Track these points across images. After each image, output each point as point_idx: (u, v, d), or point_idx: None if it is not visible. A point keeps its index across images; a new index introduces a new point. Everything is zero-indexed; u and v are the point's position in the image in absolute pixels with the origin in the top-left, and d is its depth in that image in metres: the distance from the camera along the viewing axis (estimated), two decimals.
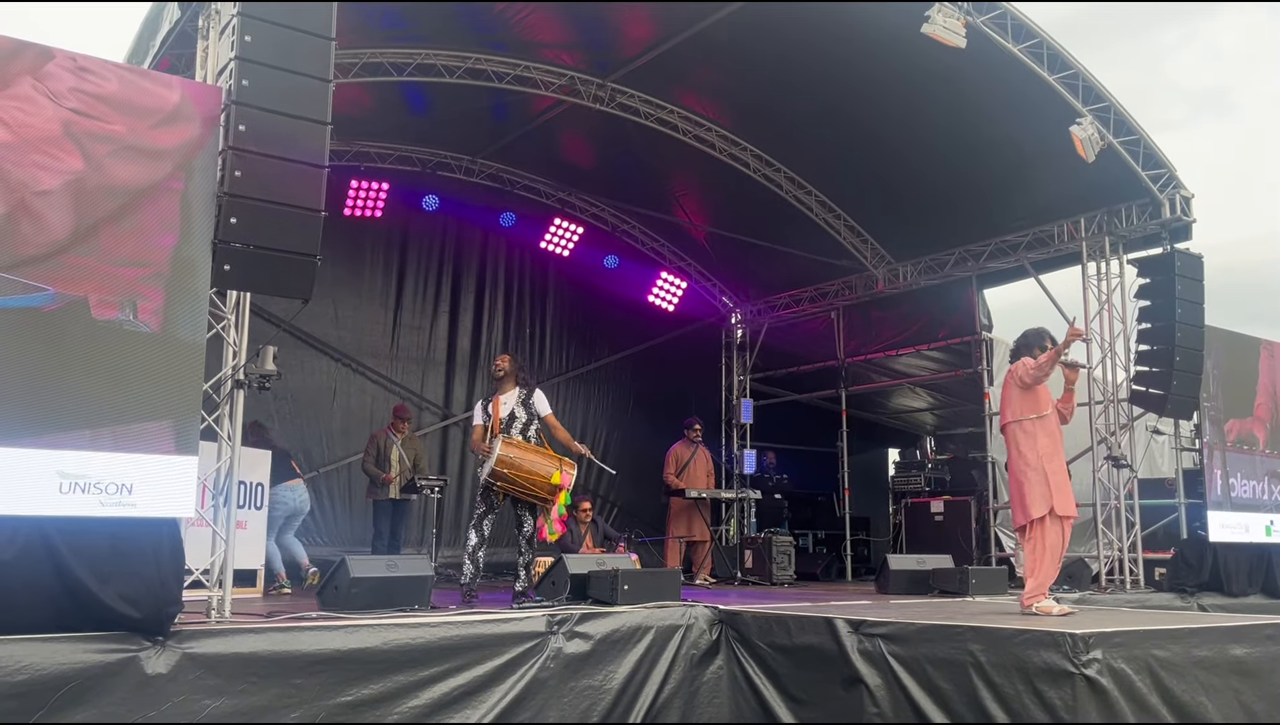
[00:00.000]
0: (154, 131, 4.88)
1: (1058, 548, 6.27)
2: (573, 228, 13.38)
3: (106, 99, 4.77)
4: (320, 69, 5.35)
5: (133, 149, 4.81)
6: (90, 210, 4.66)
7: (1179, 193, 9.48)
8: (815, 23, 8.77)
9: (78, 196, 4.64)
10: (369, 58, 9.48)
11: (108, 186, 4.72)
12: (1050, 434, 6.39)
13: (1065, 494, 6.28)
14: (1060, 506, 6.24)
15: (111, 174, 4.74)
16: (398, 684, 5.05)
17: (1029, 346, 6.57)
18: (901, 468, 13.28)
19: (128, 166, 4.78)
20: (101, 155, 4.72)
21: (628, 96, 10.67)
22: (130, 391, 4.68)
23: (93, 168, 4.68)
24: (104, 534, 4.51)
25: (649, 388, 13.99)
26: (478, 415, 7.49)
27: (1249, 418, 10.23)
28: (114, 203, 4.73)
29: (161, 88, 4.99)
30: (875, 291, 12.51)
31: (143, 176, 4.82)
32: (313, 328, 11.56)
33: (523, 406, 7.32)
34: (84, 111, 4.70)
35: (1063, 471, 6.36)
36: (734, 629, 6.28)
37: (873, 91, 9.73)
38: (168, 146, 4.91)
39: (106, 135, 4.75)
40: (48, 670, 4.17)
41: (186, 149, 4.97)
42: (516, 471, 6.98)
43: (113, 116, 4.78)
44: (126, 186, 4.77)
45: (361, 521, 11.17)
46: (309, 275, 5.30)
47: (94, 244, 4.66)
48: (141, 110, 4.87)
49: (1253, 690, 5.22)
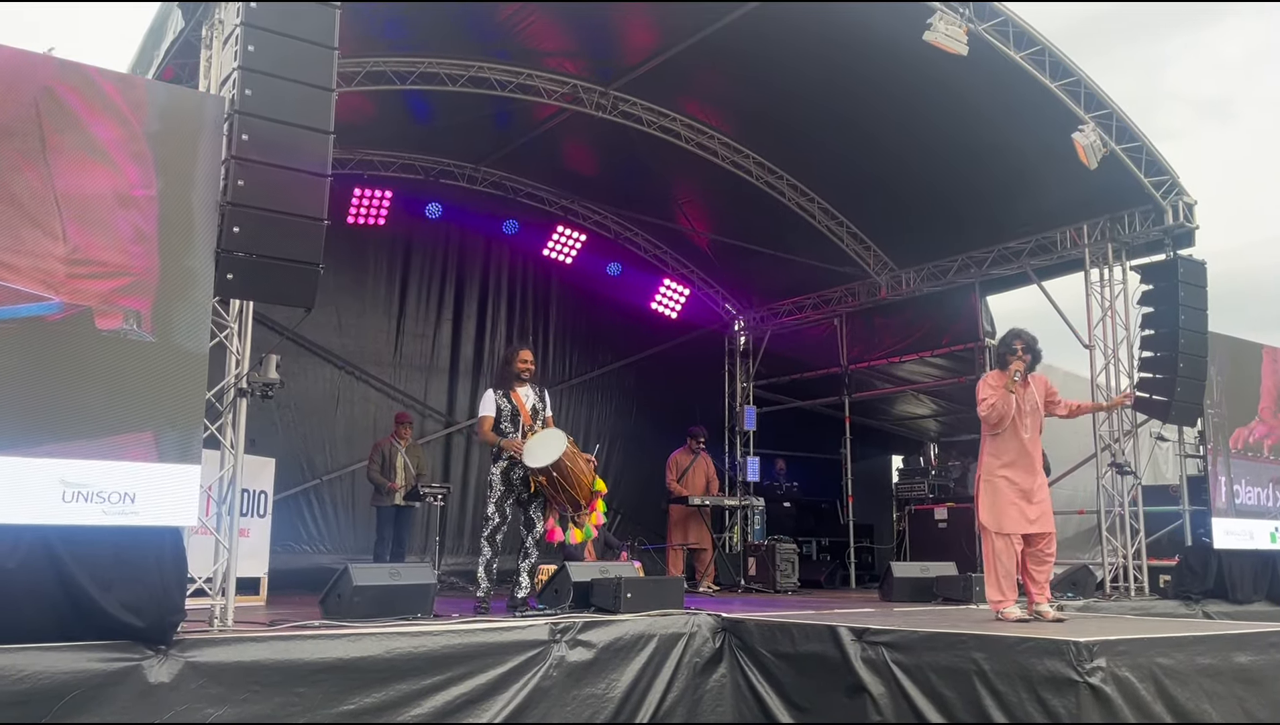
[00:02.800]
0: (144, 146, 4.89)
1: (1003, 560, 6.29)
2: (575, 235, 13.39)
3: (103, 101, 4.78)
4: (323, 78, 5.37)
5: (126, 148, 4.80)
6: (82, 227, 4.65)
7: (1182, 199, 9.47)
8: (817, 30, 8.79)
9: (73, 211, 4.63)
10: (372, 66, 9.50)
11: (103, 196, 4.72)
12: (1012, 449, 6.38)
13: (1007, 514, 6.28)
14: (993, 524, 6.30)
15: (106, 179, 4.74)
16: (400, 692, 5.05)
17: (1000, 358, 6.57)
18: (905, 475, 13.28)
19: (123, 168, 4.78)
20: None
21: (630, 104, 10.69)
22: (133, 400, 4.69)
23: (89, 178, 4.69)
24: (106, 542, 4.52)
25: (652, 395, 13.99)
26: (489, 406, 7.08)
27: (1253, 422, 10.22)
28: (103, 220, 4.73)
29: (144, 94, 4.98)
30: (878, 298, 12.50)
31: (138, 180, 4.82)
32: (316, 336, 11.58)
33: (541, 402, 7.18)
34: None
35: (1019, 488, 6.32)
36: (737, 637, 6.27)
37: (875, 98, 9.74)
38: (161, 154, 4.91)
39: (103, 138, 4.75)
40: (50, 679, 4.17)
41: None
42: (573, 467, 6.67)
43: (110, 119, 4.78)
44: (118, 192, 4.77)
45: (364, 529, 11.17)
46: (312, 284, 5.31)
47: (85, 261, 4.65)
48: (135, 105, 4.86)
49: (1257, 698, 5.20)
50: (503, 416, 7.04)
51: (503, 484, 6.95)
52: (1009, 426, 6.39)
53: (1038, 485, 6.40)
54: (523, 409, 7.05)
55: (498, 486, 6.95)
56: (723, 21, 8.83)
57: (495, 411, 7.04)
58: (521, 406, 7.06)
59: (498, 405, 7.06)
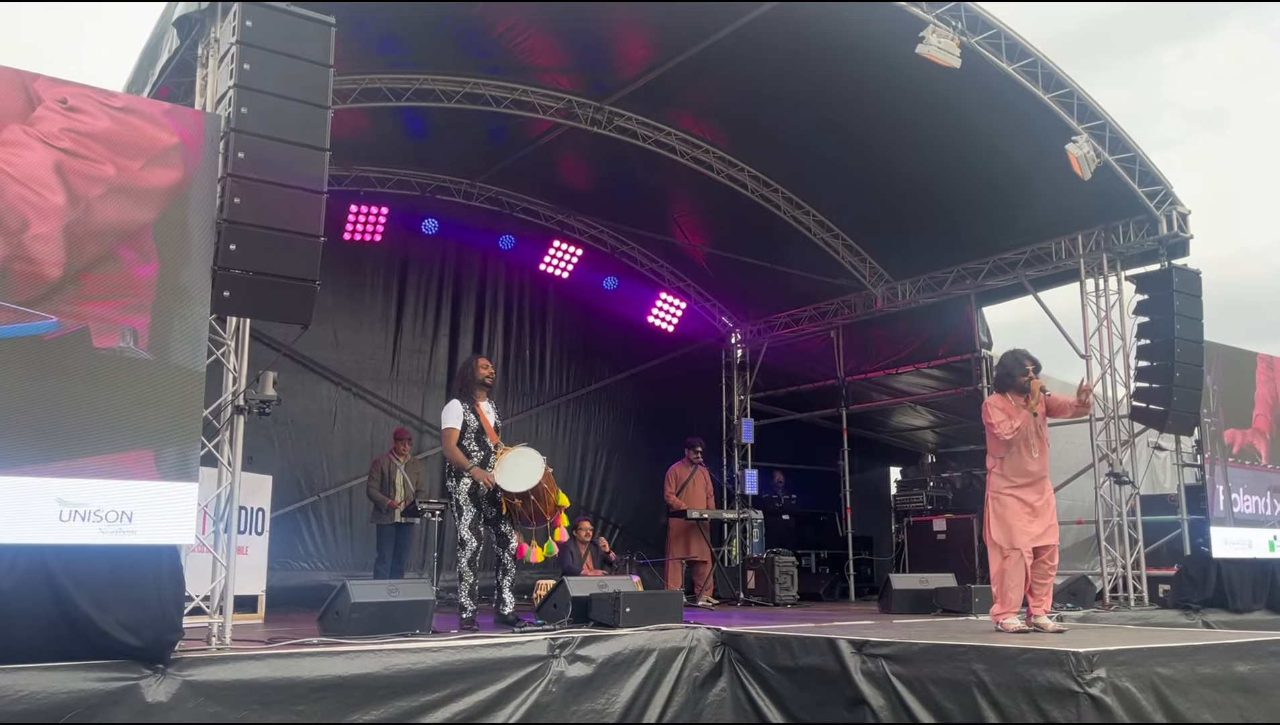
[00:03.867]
0: (144, 172, 4.89)
1: (1012, 576, 6.32)
2: (572, 249, 13.41)
3: (98, 137, 4.78)
4: (319, 96, 5.39)
5: (122, 190, 4.81)
6: (80, 252, 4.65)
7: (1176, 209, 9.50)
8: (811, 44, 8.82)
9: (69, 239, 4.63)
10: (367, 83, 9.53)
11: (97, 229, 4.72)
12: (1020, 468, 6.42)
13: (1018, 530, 6.32)
14: (1005, 540, 6.35)
15: (101, 215, 4.73)
16: (400, 709, 5.03)
17: (1009, 378, 6.56)
18: (903, 486, 13.26)
19: (116, 208, 4.78)
20: (92, 197, 4.72)
21: (625, 119, 10.72)
22: (130, 419, 4.69)
23: (83, 210, 4.68)
24: (104, 561, 4.51)
25: (649, 408, 13.99)
26: (455, 418, 6.84)
27: (1248, 430, 10.23)
28: (102, 245, 4.72)
29: (155, 127, 4.97)
30: (874, 310, 12.52)
31: (130, 217, 4.82)
32: (313, 352, 11.57)
33: (496, 416, 7.07)
34: (76, 152, 4.71)
35: (1029, 505, 6.37)
36: (737, 650, 6.25)
37: (869, 111, 9.78)
38: (158, 187, 4.91)
39: (98, 176, 4.75)
40: (48, 699, 4.15)
41: (175, 189, 4.97)
42: (546, 485, 6.63)
43: (104, 156, 4.78)
44: (113, 228, 4.76)
45: (362, 546, 11.15)
46: (309, 300, 5.31)
47: (82, 282, 4.65)
48: (133, 150, 4.87)
49: (1257, 707, 5.20)
50: (468, 432, 6.85)
51: (472, 505, 6.80)
52: (1017, 449, 6.42)
53: (1045, 500, 6.44)
54: (487, 425, 6.92)
55: (468, 508, 6.79)
56: (717, 36, 8.87)
57: (461, 426, 6.86)
58: (486, 422, 6.92)
59: (464, 420, 6.87)
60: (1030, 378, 6.45)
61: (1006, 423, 6.35)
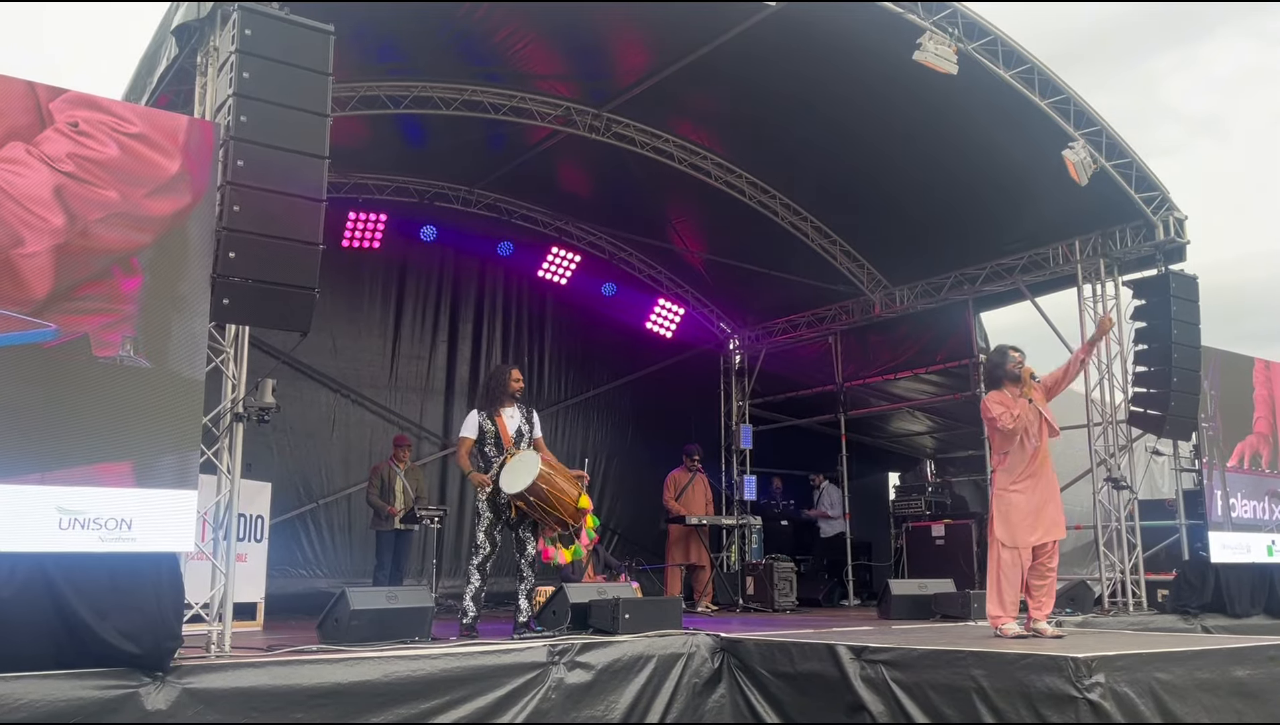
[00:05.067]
0: (147, 200, 4.90)
1: (1009, 573, 6.33)
2: (570, 256, 13.42)
3: (104, 165, 4.79)
4: (318, 104, 5.40)
5: (123, 216, 4.81)
6: (71, 271, 4.65)
7: (1172, 215, 9.52)
8: (808, 51, 8.84)
9: (61, 257, 4.63)
10: (366, 91, 9.55)
11: (93, 251, 4.72)
12: (1022, 465, 6.43)
13: (1020, 527, 6.34)
14: (1007, 537, 6.35)
15: (97, 239, 4.74)
16: (399, 716, 5.03)
17: (998, 370, 6.62)
18: (902, 492, 13.25)
19: (115, 233, 4.79)
20: (91, 220, 4.72)
21: (623, 126, 10.74)
22: (129, 427, 4.69)
23: (79, 232, 4.68)
24: (103, 569, 4.52)
25: (648, 414, 13.99)
26: (471, 428, 6.98)
27: (1250, 435, 10.25)
28: (94, 267, 4.73)
29: (164, 157, 4.97)
30: (872, 316, 12.54)
31: (128, 242, 4.83)
32: (311, 359, 11.57)
33: (527, 423, 7.08)
34: (79, 176, 4.71)
35: (1032, 501, 6.39)
36: (736, 657, 6.26)
37: (867, 117, 9.80)
38: (159, 215, 4.92)
39: (99, 201, 4.76)
40: (47, 706, 4.15)
41: (177, 216, 4.98)
42: (551, 488, 6.58)
43: (108, 182, 4.79)
44: (110, 251, 4.77)
45: (361, 553, 11.14)
46: (307, 308, 5.33)
47: (71, 297, 4.66)
48: (138, 179, 4.88)
49: (1255, 712, 5.20)
50: (486, 439, 6.97)
51: (490, 511, 6.85)
52: (1017, 444, 6.43)
53: (1049, 496, 6.46)
54: (504, 432, 6.95)
55: (486, 513, 6.85)
56: (714, 43, 8.89)
57: (478, 434, 6.98)
58: (504, 429, 6.96)
59: (480, 427, 6.98)
60: (1019, 363, 6.49)
61: (1007, 413, 6.37)
